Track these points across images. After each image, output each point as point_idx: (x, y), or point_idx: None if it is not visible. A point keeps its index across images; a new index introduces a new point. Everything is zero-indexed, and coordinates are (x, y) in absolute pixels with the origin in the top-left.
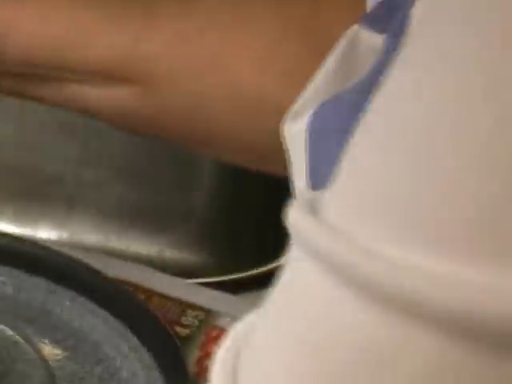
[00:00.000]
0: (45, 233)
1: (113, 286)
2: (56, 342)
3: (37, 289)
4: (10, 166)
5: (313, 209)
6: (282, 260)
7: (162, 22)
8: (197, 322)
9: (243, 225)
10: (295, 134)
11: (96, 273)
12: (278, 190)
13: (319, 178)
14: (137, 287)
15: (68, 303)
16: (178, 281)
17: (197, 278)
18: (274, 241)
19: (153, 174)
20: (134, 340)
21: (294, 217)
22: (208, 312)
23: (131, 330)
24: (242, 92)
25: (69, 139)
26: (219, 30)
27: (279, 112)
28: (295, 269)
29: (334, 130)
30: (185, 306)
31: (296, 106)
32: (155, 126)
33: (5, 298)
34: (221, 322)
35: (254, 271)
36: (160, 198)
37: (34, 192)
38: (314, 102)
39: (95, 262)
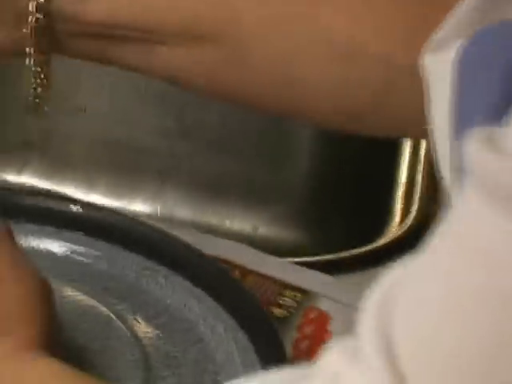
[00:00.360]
0: (137, 206)
1: (209, 263)
2: (148, 320)
3: (130, 264)
4: (103, 139)
5: (494, 144)
6: (383, 241)
7: None
8: (294, 303)
9: (339, 204)
10: (437, 66)
11: (192, 250)
12: (374, 166)
13: (470, 111)
14: (232, 265)
15: (162, 280)
16: (275, 259)
17: (292, 256)
18: (371, 222)
19: (248, 148)
20: (230, 321)
21: (476, 153)
22: (306, 293)
23: (227, 310)
24: (334, 45)
25: (162, 112)
26: None
27: (373, 65)
28: (470, 218)
29: (499, 59)
30: (282, 286)
31: (438, 37)
32: (243, 88)
33: (98, 274)
34: (319, 303)
35: (352, 252)
36: (255, 173)
37: (127, 165)
38: (463, 31)
39: (190, 239)
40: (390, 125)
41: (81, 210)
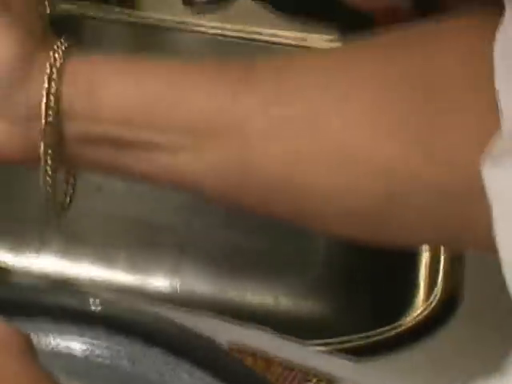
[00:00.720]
0: (156, 281)
1: (234, 360)
2: None
3: (153, 361)
4: (120, 216)
5: None
6: (407, 320)
7: (260, 80)
8: None
9: (361, 280)
10: (501, 183)
11: (216, 345)
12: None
13: None
14: (254, 352)
15: (186, 377)
16: (300, 346)
17: (314, 336)
18: (394, 299)
19: (266, 221)
20: None
21: None
22: (331, 379)
23: None
24: (346, 155)
25: None
26: (319, 88)
27: (386, 173)
28: None
29: None
30: (307, 372)
31: (498, 147)
32: (248, 192)
33: (120, 370)
34: None
35: (376, 335)
36: (274, 245)
37: (144, 241)
38: None
39: (211, 326)
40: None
41: (99, 307)
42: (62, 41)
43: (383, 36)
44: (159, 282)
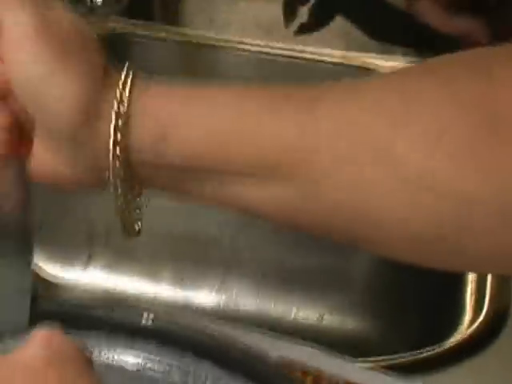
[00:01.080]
0: (201, 297)
1: (283, 375)
2: None
3: (205, 375)
4: (169, 231)
5: None
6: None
7: (327, 109)
8: None
9: (407, 298)
10: None
11: (266, 361)
12: None
13: None
14: (303, 368)
15: None
16: (345, 362)
17: (358, 353)
18: (440, 317)
19: (310, 236)
20: None
21: None
22: None
23: None
24: (410, 180)
25: None
26: (387, 116)
27: (459, 201)
28: None
29: None
30: None
31: None
32: (313, 220)
33: None
34: None
35: (423, 354)
36: (320, 262)
37: (192, 256)
38: None
39: (259, 341)
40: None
41: (151, 322)
42: (125, 72)
43: (450, 59)
44: (205, 297)
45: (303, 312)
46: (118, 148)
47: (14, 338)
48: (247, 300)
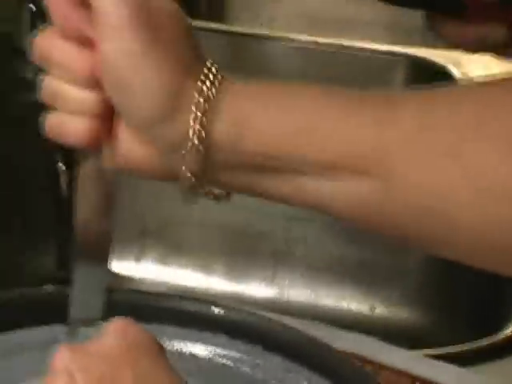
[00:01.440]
0: (253, 289)
1: (352, 366)
2: None
3: (274, 367)
4: (218, 225)
5: None
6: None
7: (403, 114)
8: None
9: (459, 290)
10: None
11: (333, 351)
12: None
13: None
14: (364, 360)
15: (305, 383)
16: (406, 353)
17: (410, 345)
18: (492, 312)
19: (363, 230)
20: None
21: None
22: None
23: None
24: (486, 184)
25: None
26: (461, 124)
27: None
28: None
29: None
30: (415, 379)
31: None
32: (390, 222)
33: (241, 375)
34: None
35: (478, 344)
36: (372, 254)
37: (242, 249)
38: None
39: (318, 333)
40: None
41: (222, 312)
42: (209, 66)
43: None
44: (256, 289)
45: (355, 304)
46: (196, 141)
47: (90, 328)
48: (299, 292)
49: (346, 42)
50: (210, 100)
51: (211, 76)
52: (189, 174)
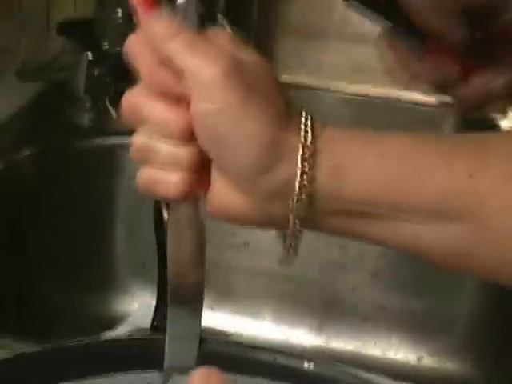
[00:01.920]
0: (300, 337)
1: None
2: None
3: None
4: (268, 270)
5: None
6: None
7: (494, 160)
8: None
9: (510, 340)
10: None
11: None
12: None
13: None
14: None
15: None
16: None
17: None
18: None
19: (410, 279)
20: None
21: None
22: None
23: None
24: None
25: (327, 243)
26: None
27: None
28: None
29: None
30: None
31: None
32: (482, 264)
33: None
34: None
35: None
36: (419, 304)
37: (291, 296)
38: None
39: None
40: None
41: (312, 367)
42: (305, 115)
43: None
44: (303, 336)
45: (402, 354)
46: (301, 190)
47: (184, 376)
48: (345, 341)
49: (394, 93)
50: (310, 148)
51: (309, 124)
52: (296, 221)
